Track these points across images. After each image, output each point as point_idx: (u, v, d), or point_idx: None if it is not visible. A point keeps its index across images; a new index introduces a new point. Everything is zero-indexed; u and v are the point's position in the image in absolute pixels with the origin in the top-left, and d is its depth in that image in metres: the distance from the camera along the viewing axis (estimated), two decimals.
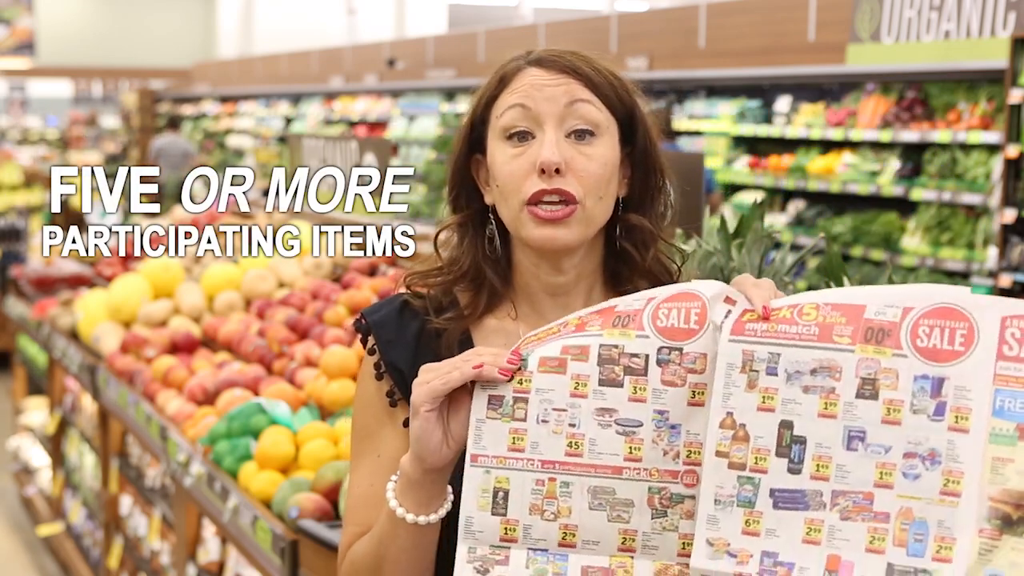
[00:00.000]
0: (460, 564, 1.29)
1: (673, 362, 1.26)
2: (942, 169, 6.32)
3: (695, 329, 1.26)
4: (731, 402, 1.23)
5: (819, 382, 1.21)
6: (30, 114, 24.49)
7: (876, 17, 6.75)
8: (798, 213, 7.39)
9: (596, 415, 1.27)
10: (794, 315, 1.23)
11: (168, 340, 4.08)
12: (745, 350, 1.23)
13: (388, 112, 12.54)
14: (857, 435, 1.19)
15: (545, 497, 1.27)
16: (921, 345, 1.18)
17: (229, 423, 3.10)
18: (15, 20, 23.64)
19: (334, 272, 4.30)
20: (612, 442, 1.26)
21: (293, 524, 2.60)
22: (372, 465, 1.46)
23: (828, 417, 1.20)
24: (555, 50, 1.45)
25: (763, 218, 2.38)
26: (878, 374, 1.18)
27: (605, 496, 1.27)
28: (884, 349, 1.19)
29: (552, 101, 1.40)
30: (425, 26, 19.65)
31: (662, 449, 1.26)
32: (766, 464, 1.22)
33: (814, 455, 1.20)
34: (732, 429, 1.23)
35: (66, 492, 5.36)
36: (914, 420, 1.17)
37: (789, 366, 1.22)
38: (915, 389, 1.17)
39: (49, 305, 5.30)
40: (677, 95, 8.62)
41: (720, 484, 1.23)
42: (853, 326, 1.20)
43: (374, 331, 1.48)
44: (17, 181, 11.43)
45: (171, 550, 3.67)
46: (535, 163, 1.38)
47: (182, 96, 18.82)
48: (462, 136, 1.48)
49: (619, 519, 1.27)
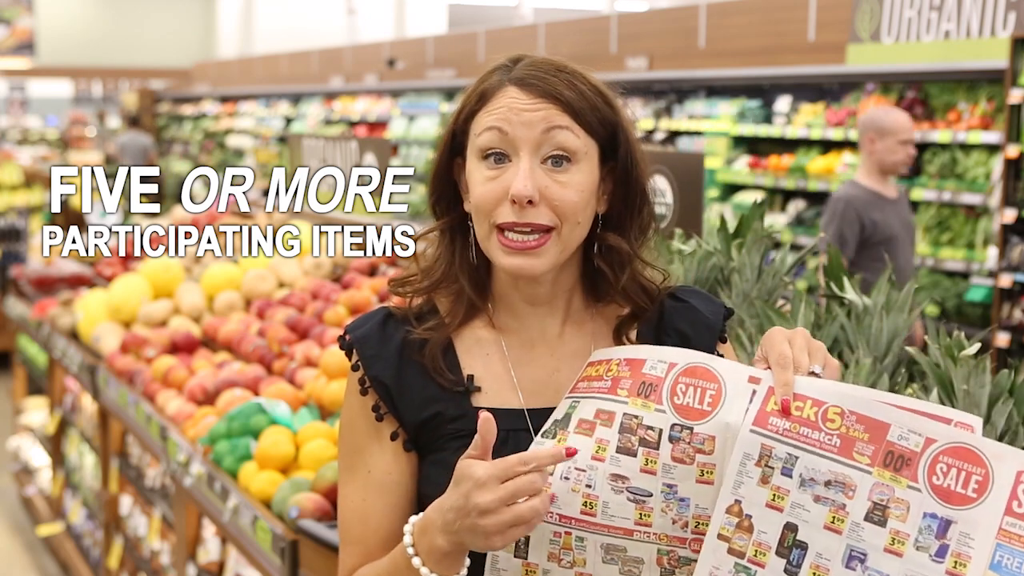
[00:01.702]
0: None
1: (683, 440, 1.29)
2: (942, 169, 6.32)
3: (707, 411, 1.29)
4: (741, 491, 1.26)
5: (831, 495, 1.23)
6: (30, 114, 24.47)
7: (876, 17, 6.75)
8: (798, 213, 7.39)
9: (611, 480, 1.31)
10: (818, 419, 1.24)
11: (168, 340, 4.08)
12: (764, 444, 1.25)
13: (388, 112, 12.53)
14: (858, 556, 1.21)
15: (562, 548, 1.33)
16: (937, 483, 1.19)
17: (229, 423, 3.10)
18: (15, 20, 23.64)
19: (334, 272, 4.30)
20: (624, 507, 1.30)
21: (293, 524, 2.60)
22: (363, 480, 1.46)
23: (833, 531, 1.22)
24: (538, 67, 1.41)
25: (763, 218, 2.38)
26: (890, 502, 1.20)
27: (617, 552, 1.32)
28: (901, 479, 1.21)
29: (529, 127, 1.37)
30: (425, 26, 19.65)
31: (671, 518, 1.30)
32: (765, 559, 1.24)
33: (812, 563, 1.22)
34: (738, 517, 1.26)
35: (66, 492, 5.36)
36: (916, 556, 1.19)
37: (805, 472, 1.24)
38: (923, 525, 1.19)
39: (49, 305, 5.30)
40: (677, 95, 8.62)
41: (716, 566, 1.26)
42: (875, 446, 1.22)
43: (356, 347, 1.47)
44: (17, 181, 11.43)
45: (171, 550, 3.67)
46: (507, 190, 1.37)
47: (182, 96, 18.82)
48: (444, 142, 1.47)
49: (630, 573, 1.32)
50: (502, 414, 1.43)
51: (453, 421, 1.43)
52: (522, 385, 1.46)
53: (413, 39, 14.33)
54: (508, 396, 1.45)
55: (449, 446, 1.43)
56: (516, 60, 1.44)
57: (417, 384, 1.45)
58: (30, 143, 19.73)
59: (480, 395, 1.45)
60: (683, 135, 8.31)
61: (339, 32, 20.30)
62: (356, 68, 14.52)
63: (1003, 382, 1.78)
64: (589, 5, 19.49)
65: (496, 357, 1.47)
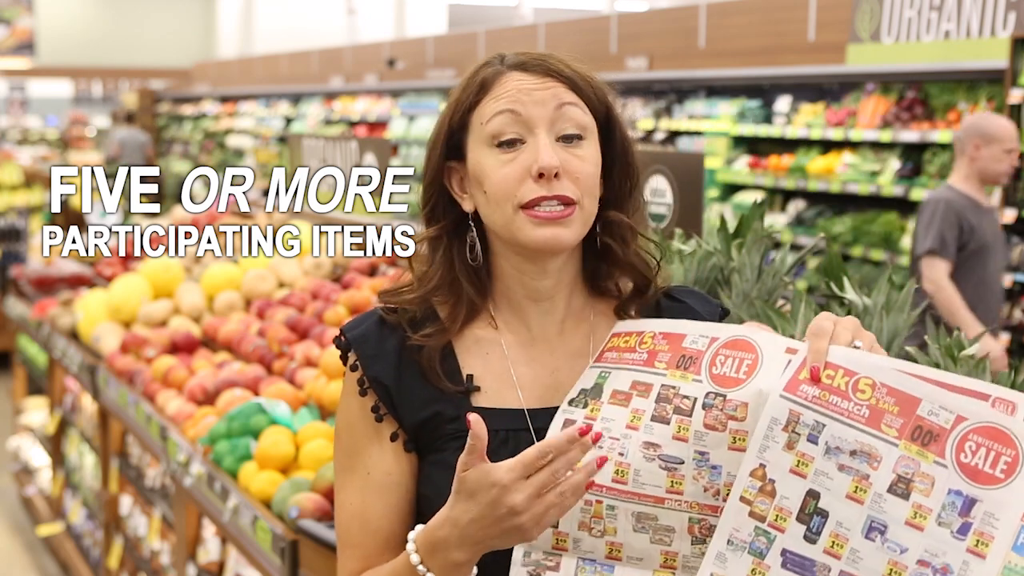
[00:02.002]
0: (515, 567, 1.35)
1: (716, 407, 1.29)
2: (942, 169, 6.32)
3: (742, 379, 1.29)
4: (767, 455, 1.25)
5: (856, 465, 1.22)
6: (30, 114, 24.47)
7: (876, 17, 6.75)
8: (798, 213, 7.39)
9: (643, 448, 1.31)
10: (849, 388, 1.24)
11: (168, 340, 4.08)
12: (792, 410, 1.25)
13: (388, 112, 12.53)
14: (879, 527, 1.20)
15: (593, 516, 1.33)
16: (964, 460, 1.18)
17: (229, 423, 3.09)
18: (15, 20, 23.64)
19: (334, 272, 4.29)
20: (655, 475, 1.31)
21: (293, 524, 2.60)
22: (361, 482, 1.45)
23: (855, 501, 1.21)
24: (532, 53, 1.43)
25: (763, 218, 2.38)
26: (915, 476, 1.20)
27: (648, 521, 1.32)
28: (927, 453, 1.20)
29: (542, 105, 1.39)
30: (425, 26, 19.65)
31: (702, 486, 1.30)
32: (785, 524, 1.24)
33: (832, 532, 1.22)
34: (761, 481, 1.26)
35: (66, 492, 5.35)
36: (937, 531, 1.18)
37: (831, 440, 1.23)
38: (946, 502, 1.18)
39: (49, 305, 5.30)
40: (677, 95, 8.62)
41: (737, 528, 1.26)
42: (904, 419, 1.21)
43: (355, 347, 1.46)
44: (17, 181, 11.43)
45: (171, 550, 3.67)
46: (529, 168, 1.37)
47: (182, 96, 18.82)
48: (438, 145, 1.46)
49: (661, 542, 1.32)
50: (502, 414, 1.43)
51: (452, 421, 1.43)
52: (522, 384, 1.45)
53: (413, 39, 14.33)
54: (508, 396, 1.45)
55: (449, 446, 1.42)
56: (502, 56, 1.45)
57: (416, 384, 1.44)
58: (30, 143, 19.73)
59: (480, 395, 1.44)
60: (683, 135, 8.31)
61: (339, 32, 20.31)
62: (356, 68, 14.52)
63: (1003, 382, 1.78)
64: (589, 5, 19.49)
65: (495, 356, 1.46)
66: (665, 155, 3.00)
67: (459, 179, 1.46)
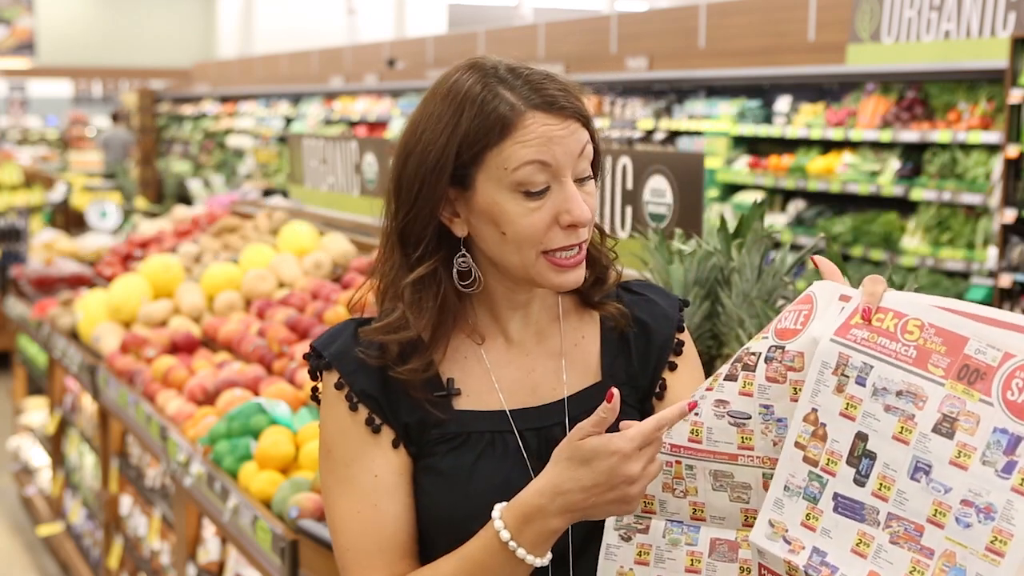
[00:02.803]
0: (608, 531, 1.39)
1: (776, 359, 1.30)
2: (942, 169, 6.32)
3: (798, 329, 1.30)
4: (818, 399, 1.26)
5: (901, 405, 1.21)
6: (30, 114, 24.48)
7: (876, 17, 6.75)
8: (798, 213, 7.39)
9: (714, 406, 1.33)
10: (897, 330, 1.24)
11: (168, 340, 4.08)
12: (842, 353, 1.25)
13: (388, 112, 12.53)
14: (923, 467, 1.19)
15: (674, 477, 1.36)
16: (1011, 398, 1.17)
17: (229, 423, 3.09)
18: (15, 20, 23.64)
19: (334, 272, 4.29)
20: (726, 431, 1.33)
21: (293, 524, 2.60)
22: (370, 487, 1.40)
23: (901, 441, 1.21)
24: (549, 85, 1.36)
25: (763, 218, 2.38)
26: (960, 415, 1.18)
27: (725, 479, 1.34)
28: (973, 392, 1.18)
29: (569, 154, 1.36)
30: (425, 26, 19.65)
31: (771, 440, 1.31)
32: (836, 468, 1.24)
33: (880, 474, 1.22)
34: (814, 426, 1.26)
35: (66, 492, 5.36)
36: (981, 470, 1.16)
37: (878, 381, 1.23)
38: (991, 440, 1.16)
39: (49, 305, 5.30)
40: (677, 95, 8.62)
41: (792, 473, 1.27)
42: (951, 359, 1.20)
43: (336, 365, 1.43)
44: (17, 181, 11.43)
45: (171, 550, 3.67)
46: (557, 217, 1.36)
47: (182, 96, 18.81)
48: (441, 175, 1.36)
49: (739, 499, 1.35)
50: (486, 416, 1.43)
51: (437, 426, 1.42)
52: (502, 386, 1.46)
53: (413, 39, 14.34)
54: (490, 398, 1.45)
55: (436, 451, 1.42)
56: (498, 76, 1.37)
57: (400, 392, 1.42)
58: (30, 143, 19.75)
59: (461, 398, 1.44)
60: (683, 135, 8.30)
61: (339, 32, 20.31)
62: (356, 68, 14.52)
63: None
64: (589, 5, 19.49)
65: (474, 360, 1.46)
66: (665, 155, 3.00)
67: (449, 203, 1.39)
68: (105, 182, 11.55)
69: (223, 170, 15.26)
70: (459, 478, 1.40)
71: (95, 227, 8.41)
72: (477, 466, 1.41)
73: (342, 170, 4.91)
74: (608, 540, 1.39)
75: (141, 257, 5.20)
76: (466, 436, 1.42)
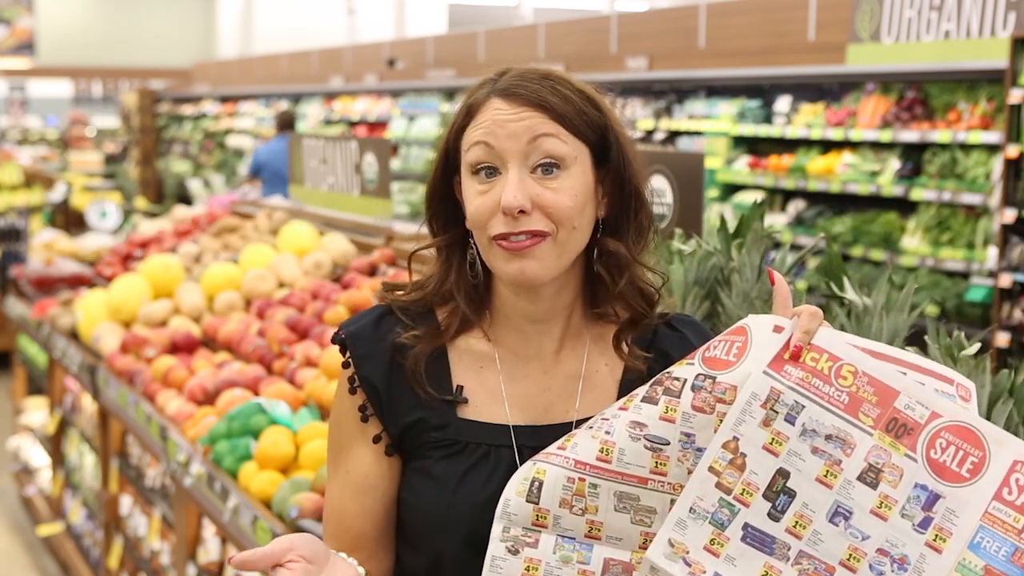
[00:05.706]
0: (494, 542, 1.34)
1: (705, 389, 1.29)
2: (942, 169, 6.32)
3: (732, 362, 1.30)
4: (741, 429, 1.26)
5: (830, 449, 1.24)
6: (30, 114, 24.48)
7: (876, 17, 6.75)
8: (798, 213, 7.39)
9: (629, 427, 1.31)
10: (832, 373, 1.26)
11: (168, 340, 4.08)
12: (774, 387, 1.26)
13: (388, 112, 12.52)
14: (844, 512, 1.23)
15: (575, 494, 1.33)
16: (934, 457, 1.22)
17: (229, 423, 3.10)
18: (15, 20, 23.64)
19: (334, 272, 4.29)
20: (640, 455, 1.31)
21: (293, 524, 2.60)
22: (342, 479, 1.47)
23: (824, 484, 1.24)
24: (523, 76, 1.40)
25: (763, 218, 2.38)
26: (885, 467, 1.22)
27: (630, 501, 1.32)
28: (900, 446, 1.23)
29: (514, 138, 1.36)
30: (425, 26, 19.65)
31: (687, 468, 1.30)
32: (751, 499, 1.25)
33: (798, 512, 1.24)
34: (733, 454, 1.26)
35: (66, 492, 5.36)
36: (900, 523, 1.21)
37: (808, 422, 1.25)
38: (912, 495, 1.21)
39: (49, 305, 5.30)
40: (677, 95, 8.62)
41: (701, 496, 1.27)
42: (880, 409, 1.23)
43: (349, 344, 1.47)
44: (17, 181, 11.43)
45: (171, 550, 3.67)
46: (499, 203, 1.36)
47: (182, 96, 18.81)
48: (439, 162, 1.46)
49: (641, 523, 1.32)
50: (487, 428, 1.43)
51: (436, 429, 1.43)
52: (511, 401, 1.45)
53: (413, 39, 14.33)
54: (495, 410, 1.45)
55: (431, 454, 1.43)
56: (503, 72, 1.43)
57: (405, 388, 1.44)
58: (30, 143, 19.74)
59: (467, 407, 1.44)
60: (683, 135, 8.31)
61: (339, 32, 20.30)
62: (356, 68, 14.52)
63: (1003, 382, 1.78)
64: (589, 5, 19.49)
65: (489, 370, 1.46)
66: (665, 155, 3.00)
67: (458, 186, 1.45)
68: (105, 182, 11.57)
69: (223, 170, 15.27)
70: (447, 486, 1.41)
71: (95, 227, 8.42)
72: (466, 477, 1.41)
73: (342, 170, 4.91)
74: (494, 551, 1.34)
75: (141, 257, 5.21)
76: (463, 445, 1.42)
